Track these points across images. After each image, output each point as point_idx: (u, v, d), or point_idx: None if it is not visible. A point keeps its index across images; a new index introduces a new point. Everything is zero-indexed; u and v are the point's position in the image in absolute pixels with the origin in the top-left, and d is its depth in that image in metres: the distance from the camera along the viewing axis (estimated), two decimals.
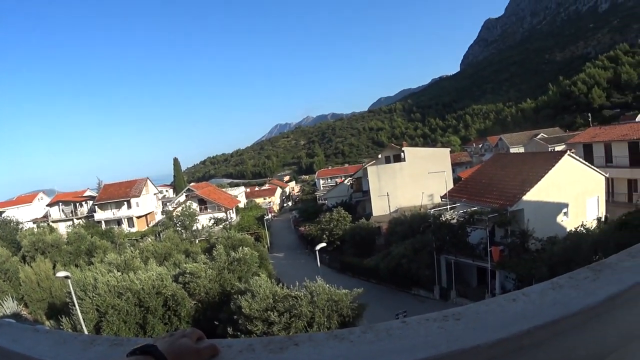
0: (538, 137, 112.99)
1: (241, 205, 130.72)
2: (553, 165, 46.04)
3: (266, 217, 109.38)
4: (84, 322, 32.37)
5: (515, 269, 40.89)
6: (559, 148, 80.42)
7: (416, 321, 1.87)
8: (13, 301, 52.05)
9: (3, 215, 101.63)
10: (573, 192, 46.98)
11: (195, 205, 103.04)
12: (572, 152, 52.13)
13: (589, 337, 1.85)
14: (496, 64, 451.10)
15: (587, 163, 50.61)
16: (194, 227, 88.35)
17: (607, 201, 53.10)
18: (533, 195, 44.32)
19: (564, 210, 46.93)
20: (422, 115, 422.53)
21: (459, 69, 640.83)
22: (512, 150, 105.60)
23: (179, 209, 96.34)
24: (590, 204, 49.54)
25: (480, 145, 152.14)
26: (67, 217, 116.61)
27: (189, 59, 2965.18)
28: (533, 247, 42.45)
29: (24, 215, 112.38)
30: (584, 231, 40.00)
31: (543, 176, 45.22)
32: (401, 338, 1.75)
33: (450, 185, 64.66)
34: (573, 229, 41.62)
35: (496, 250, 42.67)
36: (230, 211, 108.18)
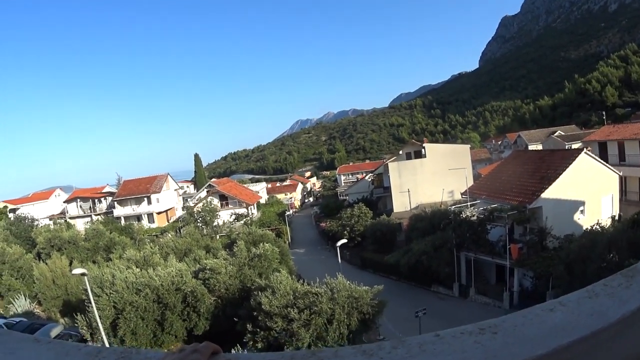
0: (555, 134, 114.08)
1: (262, 201, 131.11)
2: (570, 163, 45.90)
3: (287, 213, 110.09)
4: (100, 319, 32.31)
5: (533, 267, 40.92)
6: (575, 146, 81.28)
7: (451, 334, 1.68)
8: (26, 299, 52.12)
9: (17, 212, 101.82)
10: (589, 190, 46.76)
11: (216, 201, 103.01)
12: (589, 150, 51.78)
13: (624, 347, 1.71)
14: (513, 61, 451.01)
15: (602, 161, 50.45)
16: (215, 223, 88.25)
17: (620, 200, 52.85)
18: (551, 192, 44.17)
19: (581, 208, 46.71)
20: (442, 111, 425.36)
21: (477, 66, 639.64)
22: (530, 147, 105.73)
23: (200, 204, 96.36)
24: (605, 202, 49.32)
25: (499, 142, 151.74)
26: (85, 213, 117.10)
27: (210, 56, 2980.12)
28: (551, 245, 42.38)
29: (40, 212, 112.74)
30: (599, 229, 39.67)
31: (561, 174, 45.10)
32: (435, 354, 1.57)
33: (471, 182, 64.52)
34: (589, 227, 41.30)
35: (515, 247, 42.51)
36: (252, 207, 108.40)
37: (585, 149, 53.32)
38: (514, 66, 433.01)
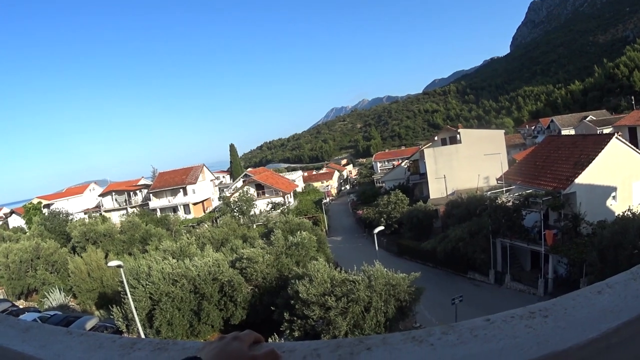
0: (587, 119, 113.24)
1: (299, 189, 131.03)
2: (602, 148, 45.23)
3: (324, 201, 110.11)
4: (136, 310, 32.56)
5: (567, 254, 40.56)
6: (606, 131, 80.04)
7: (501, 319, 1.63)
8: (60, 293, 52.72)
9: (51, 207, 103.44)
10: (620, 175, 46.03)
11: (252, 191, 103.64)
12: (619, 135, 51.24)
13: None
14: (544, 46, 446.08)
15: (632, 146, 49.48)
16: (252, 212, 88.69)
17: None
18: (584, 178, 43.74)
19: (613, 194, 46.09)
20: (475, 96, 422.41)
21: (509, 50, 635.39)
22: (563, 132, 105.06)
23: (236, 194, 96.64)
24: (636, 188, 48.36)
25: (532, 127, 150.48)
26: (120, 206, 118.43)
27: (244, 44, 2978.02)
28: (584, 232, 41.86)
29: (75, 207, 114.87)
30: (630, 216, 39.17)
31: (594, 159, 44.52)
32: (487, 340, 1.52)
33: (505, 168, 64.33)
34: (620, 214, 40.70)
35: (550, 233, 42.18)
36: (288, 195, 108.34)
37: (616, 134, 52.70)
38: (545, 51, 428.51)
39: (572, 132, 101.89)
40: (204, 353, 1.58)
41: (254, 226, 78.15)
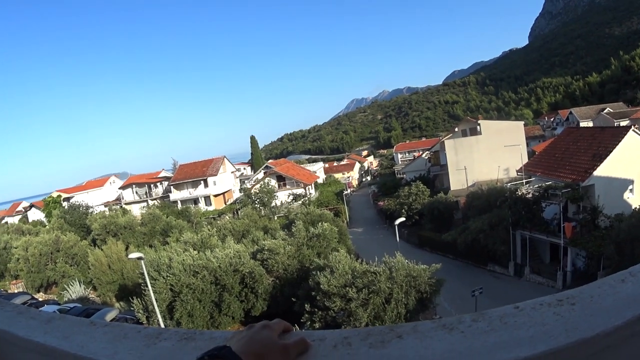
0: (604, 111, 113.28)
1: (320, 180, 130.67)
2: (620, 141, 44.95)
3: (345, 192, 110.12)
4: (157, 302, 32.71)
5: (585, 246, 40.32)
6: (623, 123, 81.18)
7: (530, 306, 1.64)
8: (80, 285, 52.88)
9: (71, 200, 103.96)
10: (637, 168, 45.64)
11: (273, 182, 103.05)
12: (636, 128, 50.94)
13: None
14: (561, 37, 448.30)
15: None
16: (273, 204, 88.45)
17: None
18: (602, 170, 43.53)
19: (630, 187, 45.82)
20: (495, 88, 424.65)
21: (527, 42, 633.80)
22: (581, 124, 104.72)
23: (257, 186, 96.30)
24: None
25: (551, 119, 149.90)
26: (140, 198, 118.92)
27: (264, 36, 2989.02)
28: (602, 224, 41.62)
29: (95, 200, 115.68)
30: None
31: (611, 151, 44.27)
32: (517, 327, 1.52)
33: (525, 159, 64.32)
34: (638, 207, 40.50)
35: (569, 226, 41.99)
36: (309, 187, 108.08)
37: (632, 126, 52.36)
38: (562, 42, 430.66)
39: (590, 124, 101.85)
40: (234, 342, 1.54)
41: (275, 218, 77.89)
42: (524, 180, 53.27)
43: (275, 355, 1.53)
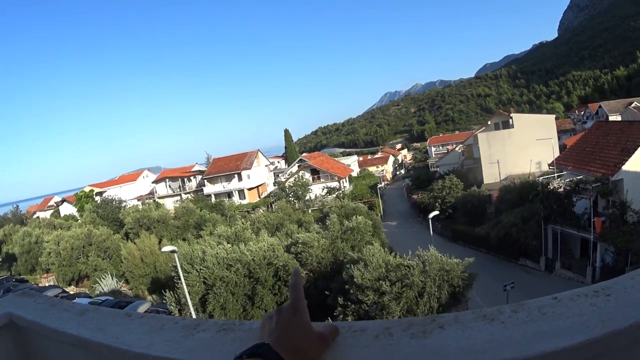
0: (632, 105, 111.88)
1: (354, 174, 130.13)
2: None
3: (379, 186, 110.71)
4: (190, 295, 32.91)
5: (614, 242, 39.81)
6: None
7: (568, 297, 1.69)
8: (112, 278, 53.33)
9: (104, 194, 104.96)
10: None
11: (307, 175, 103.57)
12: None
13: None
14: (589, 30, 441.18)
15: None
16: (307, 197, 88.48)
17: None
18: (631, 165, 42.64)
19: None
20: (526, 81, 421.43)
21: (556, 34, 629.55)
22: (610, 118, 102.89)
23: (292, 179, 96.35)
24: None
25: (582, 113, 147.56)
26: (174, 192, 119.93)
27: (297, 31, 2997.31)
28: (630, 220, 41.10)
29: (128, 194, 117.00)
30: None
31: (639, 146, 43.64)
32: (555, 318, 1.56)
33: (557, 153, 63.27)
34: None
35: (599, 221, 41.42)
36: (343, 180, 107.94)
37: None
38: (590, 35, 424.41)
39: (619, 117, 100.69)
40: (272, 339, 1.51)
41: (309, 211, 78.17)
42: (555, 174, 52.77)
43: (314, 347, 1.56)
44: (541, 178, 52.77)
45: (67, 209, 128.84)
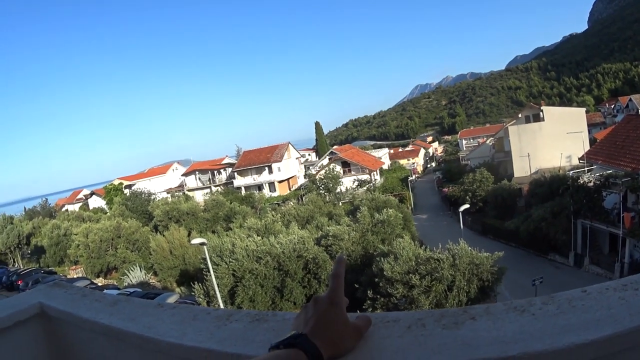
0: None
1: (385, 166, 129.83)
2: None
3: (410, 179, 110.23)
4: (218, 287, 32.99)
5: None
6: None
7: (597, 290, 1.68)
8: (141, 270, 53.72)
9: (133, 187, 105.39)
10: None
11: (338, 168, 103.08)
12: None
13: None
14: (619, 22, 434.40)
15: None
16: (338, 190, 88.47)
17: None
18: None
19: None
20: (556, 73, 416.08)
21: (586, 26, 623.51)
22: None
23: (322, 172, 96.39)
24: None
25: (612, 106, 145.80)
26: (204, 185, 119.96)
27: (328, 22, 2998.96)
28: None
29: (158, 187, 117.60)
30: None
31: None
32: (584, 311, 1.56)
33: (587, 147, 62.99)
34: None
35: (628, 216, 40.82)
36: (374, 173, 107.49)
37: None
38: (621, 27, 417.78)
39: None
40: (308, 329, 1.49)
41: (340, 204, 78.20)
42: (585, 168, 52.35)
43: (349, 340, 1.56)
44: (571, 172, 52.43)
45: (96, 202, 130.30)
